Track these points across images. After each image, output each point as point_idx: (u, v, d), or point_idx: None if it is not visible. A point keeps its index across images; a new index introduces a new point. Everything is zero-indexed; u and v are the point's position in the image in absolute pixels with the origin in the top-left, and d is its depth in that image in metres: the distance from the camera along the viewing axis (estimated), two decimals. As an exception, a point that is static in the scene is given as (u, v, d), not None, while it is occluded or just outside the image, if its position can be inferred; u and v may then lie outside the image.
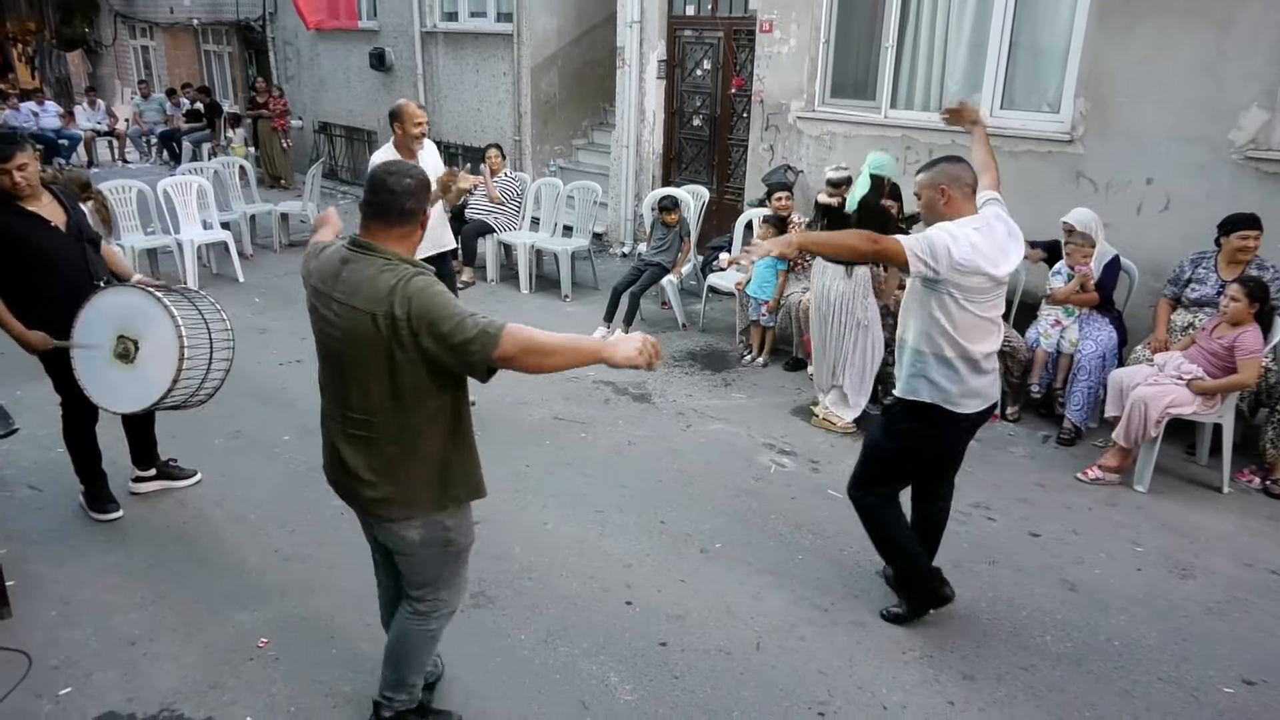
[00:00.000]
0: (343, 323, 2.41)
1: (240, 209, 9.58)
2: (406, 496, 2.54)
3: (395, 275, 2.36)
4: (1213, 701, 3.21)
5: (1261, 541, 4.30)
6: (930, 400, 3.26)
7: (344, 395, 2.50)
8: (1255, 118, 5.13)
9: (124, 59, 21.47)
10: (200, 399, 3.93)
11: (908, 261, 3.05)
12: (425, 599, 2.73)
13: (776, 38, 7.50)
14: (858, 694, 3.21)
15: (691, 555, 4.06)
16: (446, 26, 11.87)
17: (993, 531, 4.32)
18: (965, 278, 3.06)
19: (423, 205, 2.48)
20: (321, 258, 2.55)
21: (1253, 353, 4.51)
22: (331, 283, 2.45)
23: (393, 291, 2.33)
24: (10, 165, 3.71)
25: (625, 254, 9.70)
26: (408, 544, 2.61)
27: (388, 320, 2.32)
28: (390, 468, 2.51)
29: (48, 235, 3.87)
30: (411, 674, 2.85)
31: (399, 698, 2.86)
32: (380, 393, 2.42)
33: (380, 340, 2.35)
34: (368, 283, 2.37)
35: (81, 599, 3.64)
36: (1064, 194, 5.87)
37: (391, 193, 2.43)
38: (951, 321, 3.14)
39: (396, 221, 2.44)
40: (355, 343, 2.40)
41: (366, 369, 2.41)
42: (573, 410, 5.65)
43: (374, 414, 2.46)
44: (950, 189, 3.18)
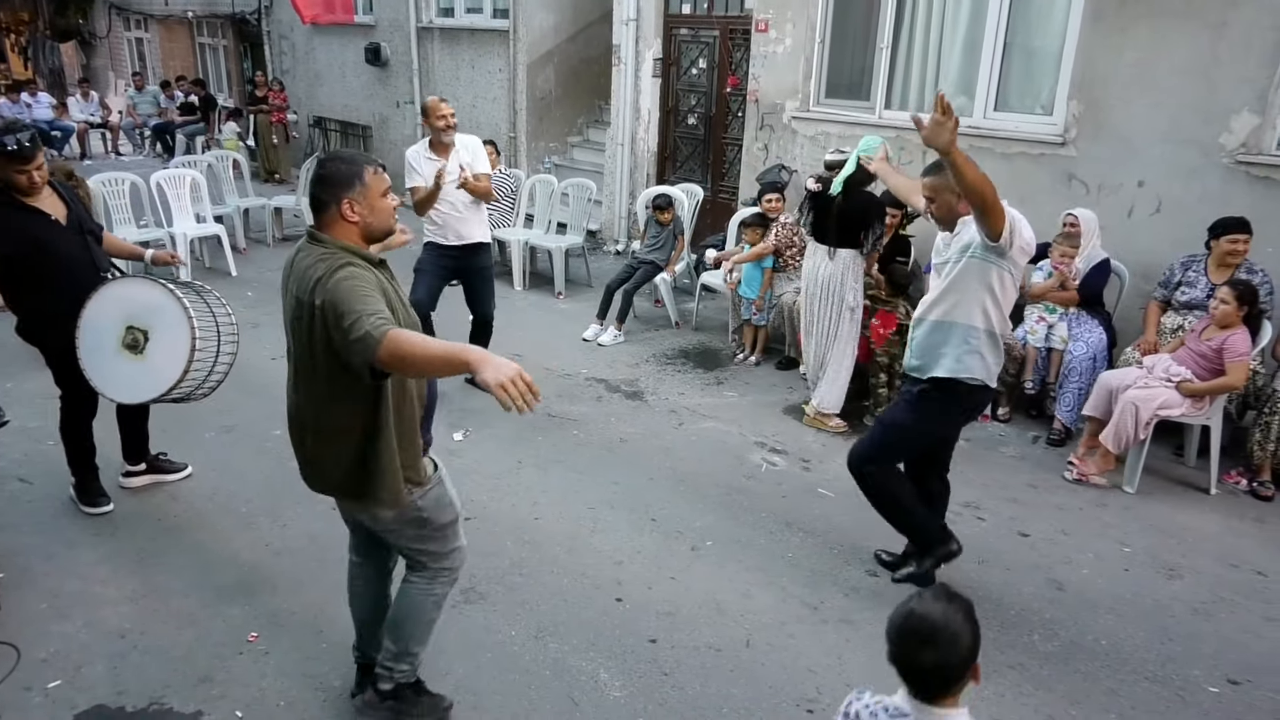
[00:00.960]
0: (293, 311, 2.50)
1: (234, 203, 9.56)
2: (358, 484, 2.58)
3: (326, 265, 2.42)
4: (1198, 701, 3.23)
5: (1248, 543, 4.33)
6: (981, 378, 3.42)
7: (296, 382, 2.61)
8: (1246, 122, 5.16)
9: (118, 51, 21.37)
10: (204, 392, 3.92)
11: (1003, 227, 3.16)
12: (428, 566, 2.80)
13: (772, 37, 7.51)
14: (846, 691, 3.18)
15: (682, 553, 4.07)
16: (442, 22, 11.85)
17: (982, 531, 4.34)
18: (1022, 256, 3.30)
19: (336, 195, 2.47)
20: (292, 249, 2.63)
21: (1241, 355, 4.54)
22: (289, 272, 2.55)
23: (319, 281, 2.39)
24: (31, 166, 3.73)
25: (619, 252, 9.70)
26: (382, 522, 2.67)
27: (310, 309, 2.41)
28: (337, 453, 2.56)
29: (50, 230, 3.87)
30: (414, 643, 2.87)
31: (400, 668, 2.87)
32: (318, 377, 2.50)
33: (309, 327, 2.43)
34: (304, 271, 2.45)
35: (71, 592, 3.64)
36: (1056, 196, 5.89)
37: (311, 182, 2.56)
38: (1006, 297, 3.36)
39: (314, 209, 2.54)
40: (299, 330, 2.48)
41: (306, 355, 2.49)
42: (565, 407, 5.65)
43: (316, 399, 2.55)
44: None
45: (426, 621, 2.86)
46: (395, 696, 2.90)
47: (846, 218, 5.17)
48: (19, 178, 3.73)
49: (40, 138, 3.84)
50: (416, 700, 2.96)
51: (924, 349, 3.49)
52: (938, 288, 3.48)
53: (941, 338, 3.43)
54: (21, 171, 3.71)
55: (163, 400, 3.82)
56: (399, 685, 2.89)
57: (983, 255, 3.29)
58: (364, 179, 2.50)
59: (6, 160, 3.68)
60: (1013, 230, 3.18)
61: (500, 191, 8.54)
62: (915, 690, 1.78)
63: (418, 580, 2.81)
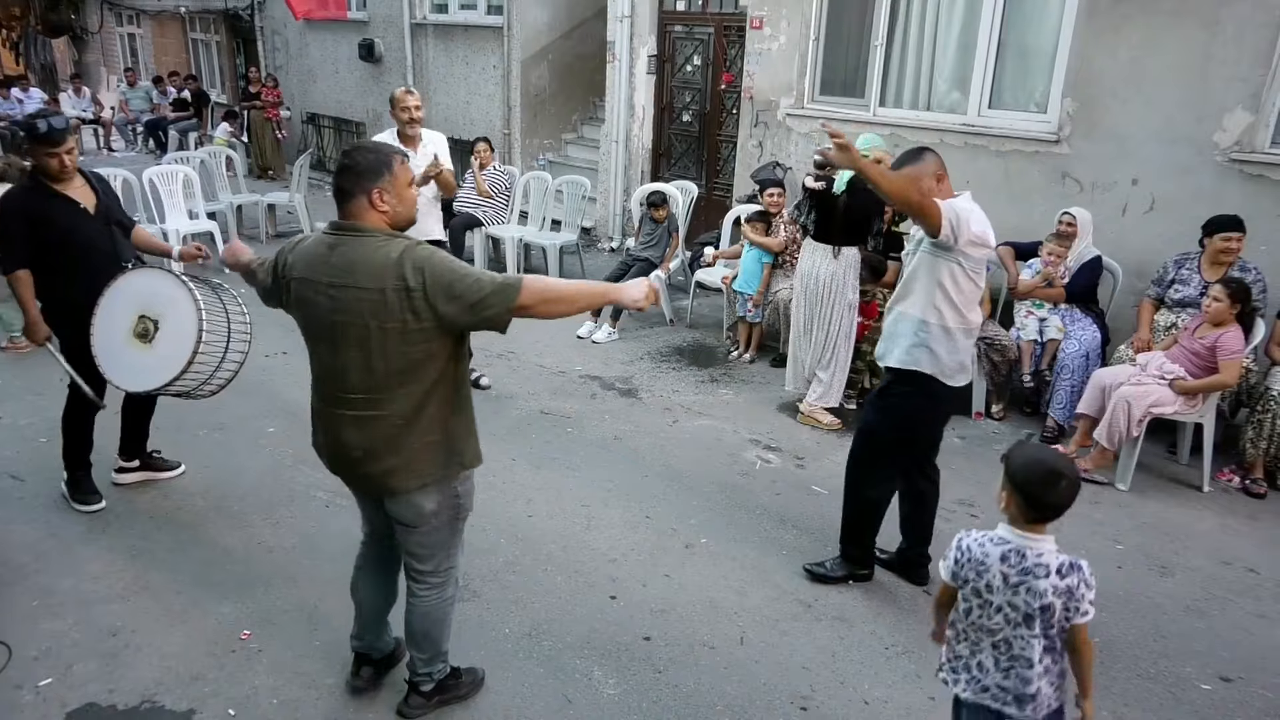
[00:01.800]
0: (342, 304, 2.42)
1: (227, 199, 9.53)
2: (415, 467, 2.59)
3: (394, 248, 2.41)
4: (1191, 698, 3.24)
5: (1240, 540, 4.34)
6: (930, 372, 3.41)
7: (343, 377, 2.51)
8: (1240, 120, 5.17)
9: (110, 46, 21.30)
10: (210, 389, 3.89)
11: (940, 224, 3.16)
12: (438, 571, 2.81)
13: (767, 34, 7.51)
14: (840, 689, 3.22)
15: (676, 550, 4.07)
16: (436, 18, 11.82)
17: (976, 528, 4.33)
18: (975, 249, 3.26)
19: (364, 186, 2.46)
20: (300, 249, 2.56)
21: (1234, 353, 4.55)
22: (321, 269, 2.46)
23: (399, 264, 2.38)
24: (61, 150, 3.80)
25: (613, 249, 9.70)
26: (422, 514, 2.66)
27: (400, 292, 2.37)
28: (397, 440, 2.54)
29: (76, 217, 3.91)
30: (442, 643, 2.94)
31: (436, 668, 2.96)
32: (385, 367, 2.46)
33: (389, 313, 2.39)
34: (364, 260, 2.40)
35: (63, 589, 3.62)
36: (1050, 194, 5.90)
37: (337, 173, 2.50)
38: (959, 291, 3.32)
39: (342, 199, 2.49)
40: (358, 322, 2.42)
41: (370, 346, 2.44)
42: (559, 404, 5.65)
43: (378, 390, 2.49)
44: (942, 171, 3.42)
45: (447, 623, 2.94)
46: (440, 691, 2.99)
47: (852, 216, 5.16)
48: (50, 161, 3.79)
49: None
50: (458, 683, 3.05)
51: (884, 338, 3.59)
52: (900, 281, 3.57)
53: (897, 329, 3.50)
54: (52, 155, 3.78)
55: (165, 391, 3.81)
56: (439, 681, 2.98)
57: (931, 250, 3.33)
58: (392, 169, 2.50)
59: (37, 143, 3.75)
60: (956, 225, 3.17)
61: (495, 188, 8.54)
62: (1034, 519, 2.24)
63: (428, 594, 2.82)
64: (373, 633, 3.05)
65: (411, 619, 2.87)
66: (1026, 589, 2.20)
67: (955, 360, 3.42)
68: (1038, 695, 2.22)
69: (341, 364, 2.50)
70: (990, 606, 2.24)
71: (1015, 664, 2.23)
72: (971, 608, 2.29)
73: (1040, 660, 2.21)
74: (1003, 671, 2.25)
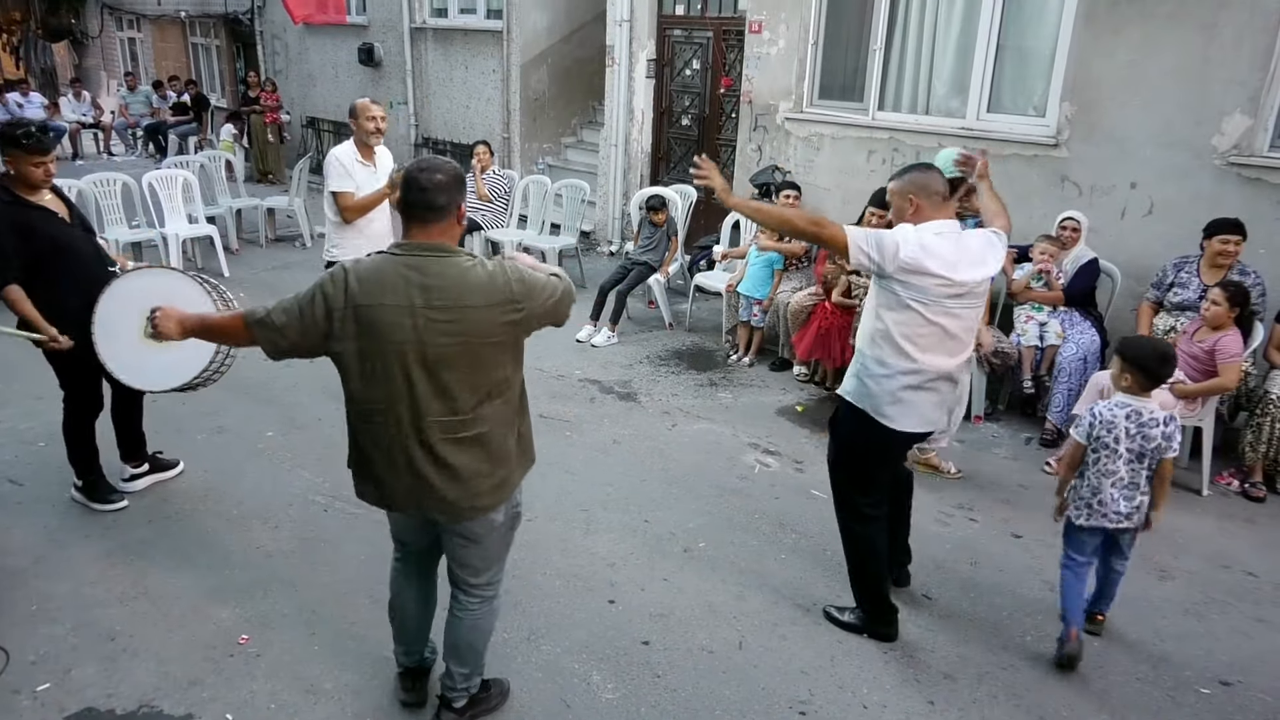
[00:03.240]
0: (447, 326, 2.37)
1: (226, 203, 9.53)
2: (510, 475, 2.64)
3: (486, 266, 2.44)
4: (1189, 702, 3.24)
5: (1239, 544, 4.34)
6: (864, 408, 3.21)
7: (439, 401, 2.44)
8: (1238, 123, 5.18)
9: (110, 50, 21.30)
10: (216, 378, 3.91)
11: (845, 249, 3.01)
12: (491, 582, 2.82)
13: (765, 38, 7.51)
14: (839, 693, 3.22)
15: (675, 554, 4.07)
16: (436, 22, 11.83)
17: (975, 533, 4.34)
18: (912, 277, 2.99)
19: (455, 199, 2.46)
20: (364, 274, 2.40)
21: (1233, 356, 4.55)
22: (408, 293, 2.36)
23: (502, 279, 2.42)
24: (48, 159, 3.81)
25: (613, 252, 9.70)
26: (493, 527, 2.69)
27: (511, 307, 2.42)
28: (502, 453, 2.59)
29: (57, 226, 3.90)
30: (484, 654, 2.95)
31: (473, 683, 2.95)
32: (487, 382, 2.48)
33: (495, 328, 2.42)
34: (463, 279, 2.39)
35: (61, 594, 3.62)
36: (1049, 197, 5.91)
37: (423, 190, 2.41)
38: (896, 322, 3.06)
39: (431, 219, 2.43)
40: (465, 341, 2.40)
41: (477, 363, 2.44)
42: (558, 409, 5.64)
43: (479, 406, 2.49)
44: (918, 197, 3.12)
45: (491, 634, 2.94)
46: (472, 705, 2.97)
47: None
48: (35, 170, 3.79)
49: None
50: (488, 695, 3.04)
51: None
52: None
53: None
54: (39, 164, 3.78)
55: (188, 388, 3.82)
56: (472, 695, 2.97)
57: (874, 279, 3.12)
58: (466, 181, 2.55)
59: (26, 153, 3.73)
60: (878, 248, 2.97)
61: (494, 192, 8.54)
62: (1147, 387, 3.24)
63: (477, 606, 2.81)
64: (420, 644, 3.05)
65: (458, 631, 2.84)
66: (1143, 436, 3.20)
67: (893, 397, 3.13)
68: (1141, 508, 3.28)
69: (438, 387, 2.43)
70: (1116, 454, 3.22)
71: (1131, 491, 3.24)
72: (1100, 457, 3.25)
73: (1144, 488, 3.26)
74: (1124, 499, 3.25)
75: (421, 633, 3.04)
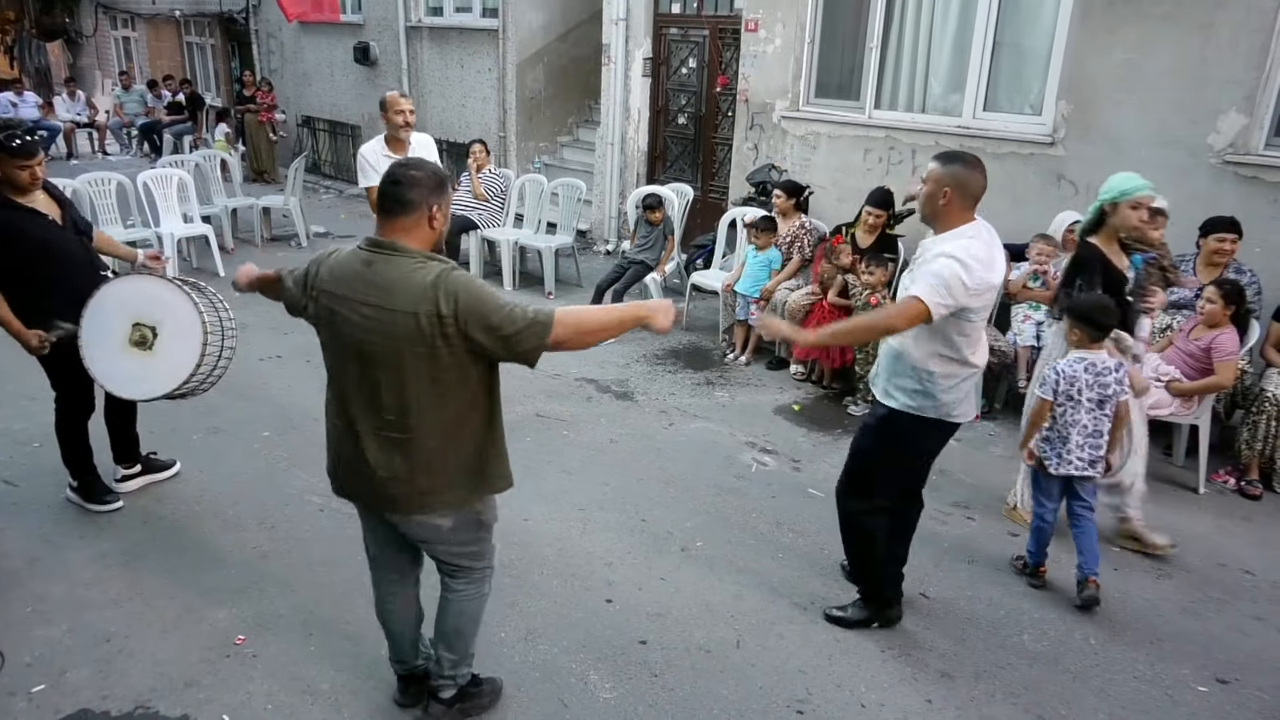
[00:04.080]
0: (376, 325, 2.37)
1: (221, 203, 9.51)
2: (447, 488, 2.56)
3: (429, 272, 2.34)
4: (1187, 700, 3.24)
5: (1236, 542, 4.34)
6: (936, 417, 3.21)
7: (375, 397, 2.45)
8: (1234, 122, 5.18)
9: (105, 50, 21.25)
10: (206, 387, 3.90)
11: (931, 317, 2.96)
12: (473, 569, 2.79)
13: (762, 37, 7.51)
14: (836, 692, 3.22)
15: (672, 553, 4.06)
16: (431, 21, 11.82)
17: (972, 531, 4.34)
18: (977, 299, 3.02)
19: (427, 198, 2.42)
20: (333, 262, 2.48)
21: (1229, 355, 4.55)
22: (355, 286, 2.39)
23: (434, 288, 2.32)
24: (34, 162, 3.76)
25: (609, 251, 9.69)
26: (440, 533, 2.64)
27: (432, 318, 2.31)
28: (429, 462, 2.50)
29: (47, 229, 3.86)
30: (471, 644, 2.93)
31: (460, 673, 2.93)
32: (419, 389, 2.41)
33: (422, 338, 2.34)
34: (400, 282, 2.34)
35: (56, 595, 3.60)
36: (1045, 196, 5.91)
37: (395, 183, 2.41)
38: (963, 335, 3.12)
39: (399, 212, 2.41)
40: (391, 344, 2.37)
41: (403, 368, 2.39)
42: (555, 408, 5.64)
43: (410, 412, 2.44)
44: (954, 193, 3.06)
45: (479, 621, 2.91)
46: (461, 699, 2.95)
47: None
48: (22, 174, 3.74)
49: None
50: (479, 693, 3.02)
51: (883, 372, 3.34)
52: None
53: (897, 366, 3.25)
54: (24, 167, 3.73)
55: (173, 396, 3.80)
56: (461, 688, 2.95)
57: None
58: (450, 188, 2.49)
59: (11, 156, 3.69)
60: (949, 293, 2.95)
61: (490, 191, 8.53)
62: (1095, 339, 3.62)
63: (465, 588, 2.80)
64: (411, 652, 2.99)
65: (445, 615, 2.83)
66: (1100, 384, 3.60)
67: (960, 396, 3.22)
68: (1102, 456, 3.68)
69: (371, 384, 2.44)
70: (1080, 404, 3.62)
71: (1096, 439, 3.65)
72: (1066, 410, 3.65)
73: (1104, 433, 3.64)
74: (1089, 446, 3.65)
75: (412, 641, 2.99)
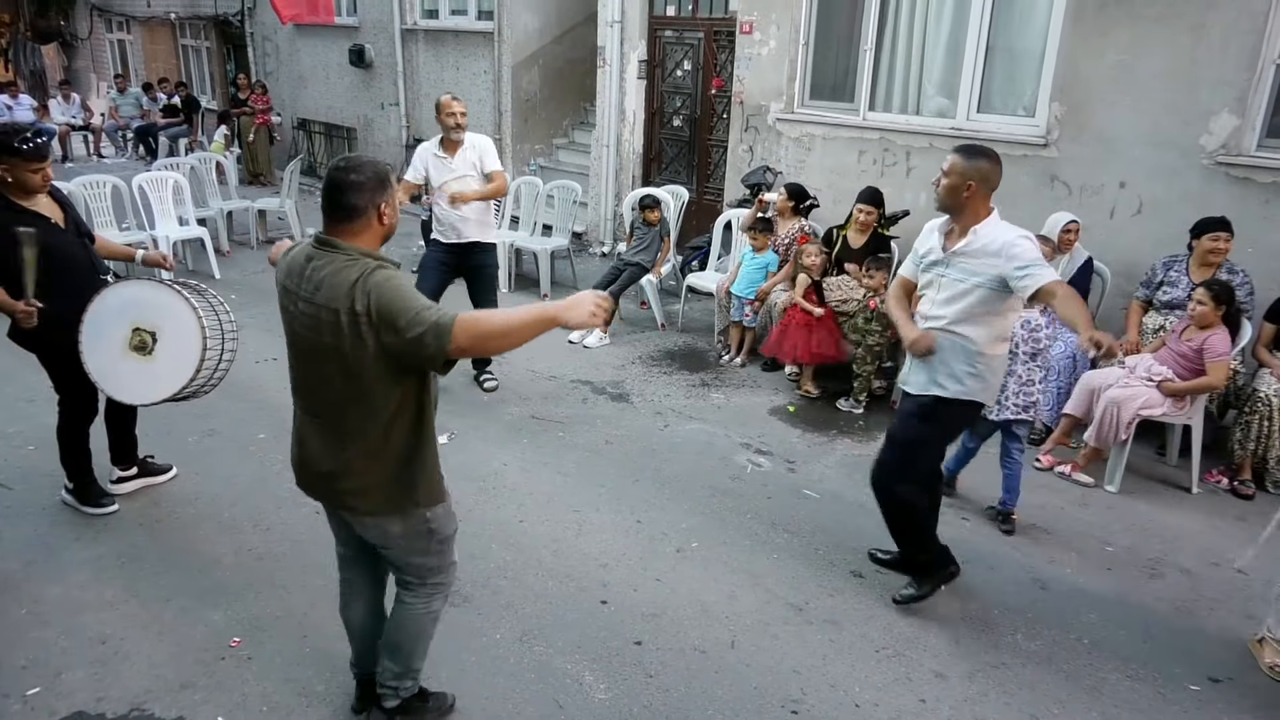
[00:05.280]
0: (308, 319, 2.41)
1: (217, 205, 9.50)
2: (376, 488, 2.54)
3: (357, 270, 2.35)
4: (1179, 699, 3.26)
5: (1229, 541, 4.36)
6: (981, 400, 3.46)
7: (312, 389, 2.53)
8: (1226, 123, 5.21)
9: (100, 52, 21.21)
10: (207, 390, 3.90)
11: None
12: (425, 584, 2.75)
13: (756, 39, 7.53)
14: (830, 692, 3.23)
15: (667, 554, 4.07)
16: (427, 24, 11.83)
17: (966, 531, 4.35)
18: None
19: (374, 200, 2.42)
20: (289, 256, 2.55)
21: (1221, 355, 4.57)
22: (298, 280, 2.45)
23: (354, 286, 2.32)
24: (45, 164, 3.79)
25: (605, 253, 9.70)
26: (390, 537, 2.62)
27: (349, 315, 2.32)
28: (353, 462, 2.51)
29: (52, 233, 3.85)
30: (415, 659, 2.88)
31: (404, 685, 2.89)
32: (342, 387, 2.43)
33: (342, 336, 2.34)
34: (329, 279, 2.37)
35: (51, 597, 3.60)
36: (1039, 197, 5.93)
37: (339, 189, 2.41)
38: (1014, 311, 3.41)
39: (344, 217, 2.41)
40: (319, 339, 2.41)
41: (329, 364, 2.42)
42: (550, 409, 5.64)
43: (337, 408, 2.48)
44: (978, 186, 3.27)
45: (426, 638, 2.87)
46: (403, 711, 2.92)
47: None
48: (34, 177, 3.76)
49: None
50: (424, 708, 2.98)
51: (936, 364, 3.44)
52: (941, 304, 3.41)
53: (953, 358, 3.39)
54: (37, 170, 3.76)
55: (173, 400, 3.80)
56: (405, 700, 2.91)
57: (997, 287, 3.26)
58: (392, 181, 2.50)
59: (24, 160, 3.71)
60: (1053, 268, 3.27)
61: (485, 193, 8.52)
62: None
63: (414, 601, 2.78)
64: (369, 660, 2.95)
65: (391, 624, 2.82)
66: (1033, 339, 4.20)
67: (1000, 381, 3.56)
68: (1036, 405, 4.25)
69: (311, 375, 2.52)
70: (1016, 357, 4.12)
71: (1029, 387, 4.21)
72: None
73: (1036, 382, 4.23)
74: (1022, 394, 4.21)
75: (367, 649, 2.95)
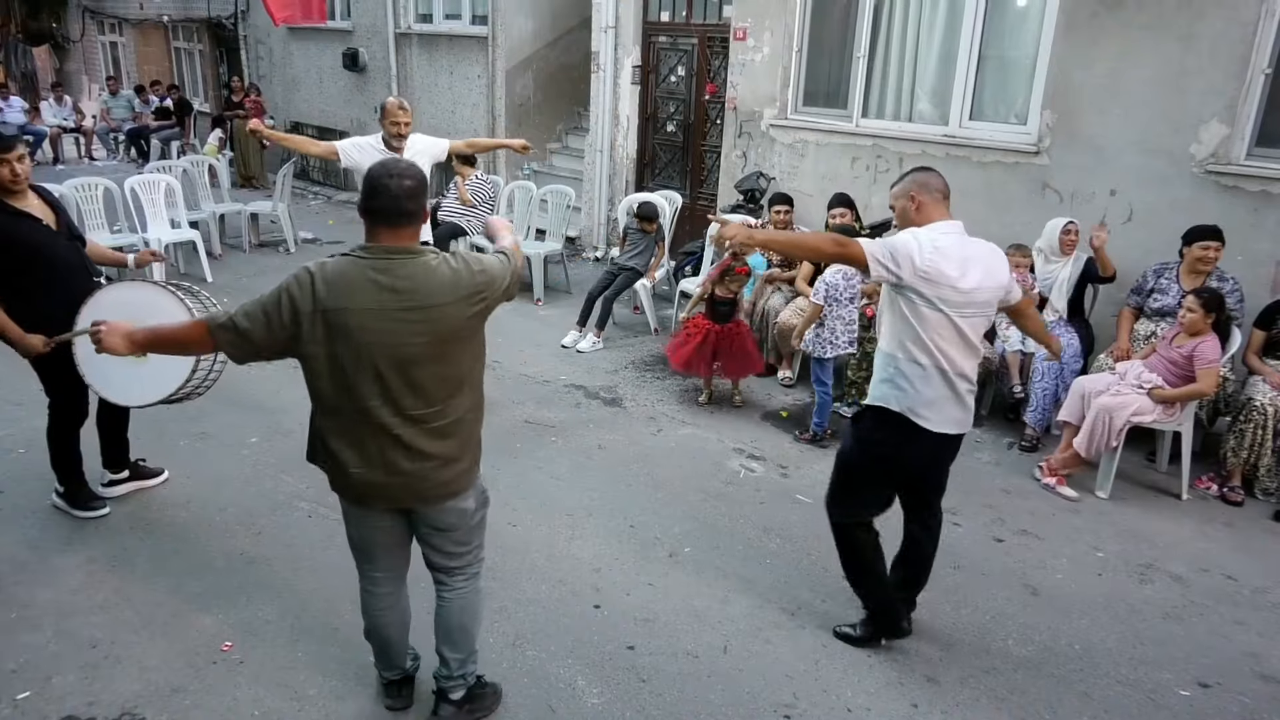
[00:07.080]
0: (426, 326, 2.43)
1: (209, 208, 9.48)
2: (470, 467, 2.72)
3: (450, 263, 2.49)
4: (1169, 704, 3.27)
5: (1218, 547, 4.38)
6: (898, 409, 3.13)
7: (412, 396, 2.50)
8: (1215, 132, 5.25)
9: (92, 55, 21.17)
10: (201, 391, 3.89)
11: (864, 262, 3.01)
12: (474, 562, 2.88)
13: (750, 45, 7.56)
14: (823, 697, 3.24)
15: (660, 559, 4.07)
16: (421, 28, 11.83)
17: (958, 537, 4.37)
18: (926, 284, 2.98)
19: (422, 204, 2.52)
20: (336, 280, 2.39)
21: (1211, 362, 4.60)
22: (383, 296, 2.39)
23: (467, 274, 2.50)
24: (10, 156, 3.72)
25: (598, 258, 9.71)
26: (465, 514, 2.75)
27: (478, 298, 2.51)
28: (469, 437, 2.69)
29: (42, 234, 3.84)
30: (477, 636, 2.98)
31: (469, 669, 2.97)
32: (457, 372, 2.57)
33: (463, 320, 2.50)
34: (430, 277, 2.45)
35: (41, 601, 3.59)
36: (1030, 205, 5.96)
37: (394, 198, 2.43)
38: (922, 323, 3.04)
39: (407, 222, 2.47)
40: (437, 337, 2.46)
41: (446, 357, 2.52)
42: (543, 413, 5.65)
43: (451, 396, 2.57)
44: (920, 194, 3.13)
45: (481, 617, 2.99)
46: (469, 699, 2.98)
47: None
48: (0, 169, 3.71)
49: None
50: (484, 694, 3.06)
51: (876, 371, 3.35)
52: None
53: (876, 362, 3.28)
54: (2, 162, 3.70)
55: (169, 401, 3.79)
56: (469, 689, 2.98)
57: (890, 287, 3.13)
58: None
59: None
60: (893, 259, 2.98)
61: (478, 197, 8.53)
62: None
63: (465, 585, 2.88)
64: (404, 657, 3.05)
65: (449, 616, 2.87)
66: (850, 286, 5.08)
67: (928, 398, 3.10)
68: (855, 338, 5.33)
69: (410, 385, 2.47)
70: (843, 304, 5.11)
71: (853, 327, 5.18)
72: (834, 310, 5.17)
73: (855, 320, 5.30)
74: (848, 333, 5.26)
75: (403, 648, 3.02)
